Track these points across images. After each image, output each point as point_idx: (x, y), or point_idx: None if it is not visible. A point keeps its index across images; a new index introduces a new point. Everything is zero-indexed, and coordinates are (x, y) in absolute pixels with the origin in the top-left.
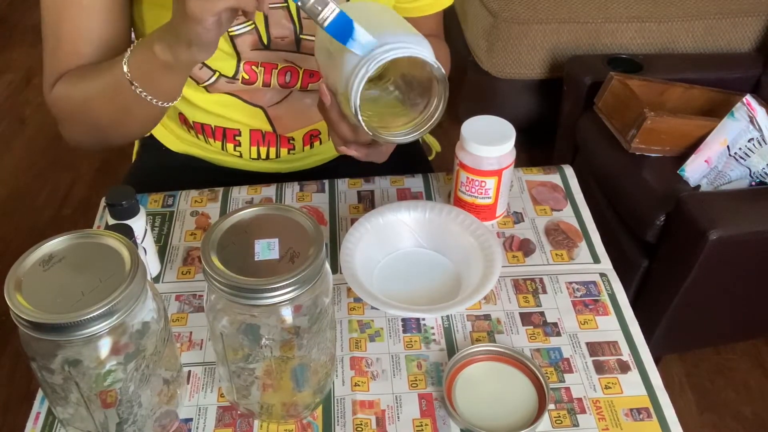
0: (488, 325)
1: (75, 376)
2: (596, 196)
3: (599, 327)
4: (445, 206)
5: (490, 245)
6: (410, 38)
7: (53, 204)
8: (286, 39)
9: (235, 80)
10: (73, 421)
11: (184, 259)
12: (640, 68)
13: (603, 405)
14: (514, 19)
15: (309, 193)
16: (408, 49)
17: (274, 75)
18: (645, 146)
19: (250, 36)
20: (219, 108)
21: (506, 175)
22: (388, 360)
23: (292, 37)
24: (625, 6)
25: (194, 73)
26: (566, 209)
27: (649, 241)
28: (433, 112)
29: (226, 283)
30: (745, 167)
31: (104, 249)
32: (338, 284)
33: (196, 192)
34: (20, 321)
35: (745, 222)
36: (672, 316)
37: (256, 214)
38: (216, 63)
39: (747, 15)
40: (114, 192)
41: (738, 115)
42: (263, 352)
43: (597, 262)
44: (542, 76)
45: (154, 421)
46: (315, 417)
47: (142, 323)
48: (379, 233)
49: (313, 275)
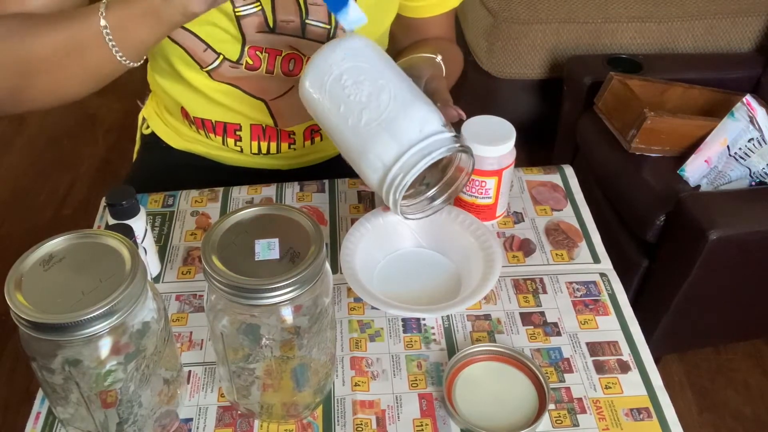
0: (488, 325)
1: (75, 376)
2: (596, 196)
3: (599, 327)
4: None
5: (490, 245)
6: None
7: (53, 204)
8: (291, 23)
9: (239, 65)
10: (73, 421)
11: (185, 259)
12: (640, 68)
13: (603, 405)
14: (514, 19)
15: (309, 193)
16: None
17: (278, 62)
18: (645, 146)
19: (256, 17)
20: (221, 97)
21: (506, 175)
22: (389, 360)
23: (298, 21)
24: (625, 6)
25: (198, 55)
26: (566, 209)
27: (649, 241)
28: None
29: (227, 283)
30: (745, 167)
31: (104, 249)
32: (338, 284)
33: (197, 192)
34: (20, 321)
35: (745, 222)
36: (672, 316)
37: (256, 214)
38: (221, 45)
39: (747, 15)
40: (114, 192)
41: (738, 115)
42: (263, 352)
43: (597, 262)
44: (542, 76)
45: (155, 421)
46: (315, 417)
47: (143, 323)
48: (379, 233)
49: (313, 275)
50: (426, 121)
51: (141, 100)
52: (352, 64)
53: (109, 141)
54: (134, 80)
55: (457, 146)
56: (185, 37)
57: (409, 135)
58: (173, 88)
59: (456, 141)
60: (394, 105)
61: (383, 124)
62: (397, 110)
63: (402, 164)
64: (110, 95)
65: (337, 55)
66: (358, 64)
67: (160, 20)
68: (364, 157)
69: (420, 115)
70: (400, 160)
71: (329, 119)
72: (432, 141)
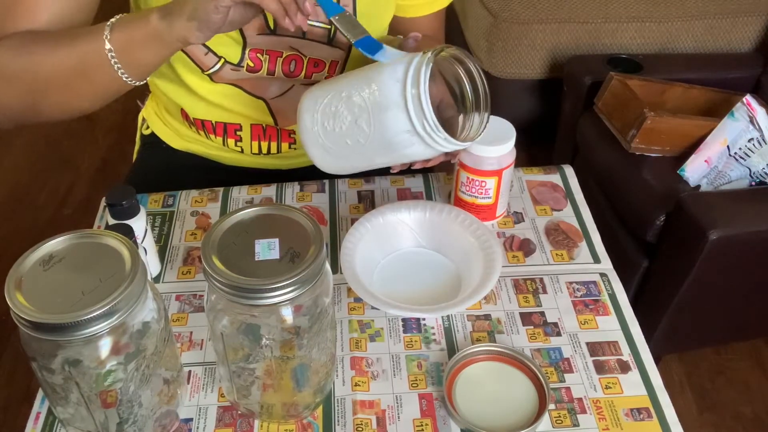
0: (488, 325)
1: (75, 376)
2: (596, 196)
3: (599, 327)
4: (446, 206)
5: (490, 245)
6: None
7: (53, 204)
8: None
9: (240, 68)
10: (73, 421)
11: (185, 259)
12: (640, 68)
13: (603, 405)
14: (514, 19)
15: (309, 193)
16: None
17: (279, 63)
18: (645, 146)
19: (256, 20)
20: (221, 99)
21: (506, 175)
22: (389, 360)
23: None
24: (625, 6)
25: (199, 59)
26: (566, 209)
27: (649, 241)
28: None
29: (227, 283)
30: (745, 167)
31: (104, 249)
32: (338, 284)
33: (197, 192)
34: (20, 321)
35: (745, 222)
36: (672, 315)
37: (256, 214)
38: (221, 49)
39: (747, 15)
40: (114, 192)
41: (738, 115)
42: (263, 352)
43: (597, 262)
44: (542, 76)
45: (155, 421)
46: (315, 417)
47: (143, 323)
48: (379, 233)
49: (314, 275)
50: (395, 71)
51: (141, 101)
52: (320, 107)
53: (109, 141)
54: None
55: (430, 55)
56: None
57: (396, 95)
58: (173, 91)
59: (423, 54)
60: (369, 96)
61: (375, 115)
62: (372, 96)
63: (414, 110)
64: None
65: (306, 115)
66: (323, 101)
67: (164, 44)
68: (391, 143)
69: (387, 77)
70: (409, 111)
71: (347, 153)
72: (412, 69)
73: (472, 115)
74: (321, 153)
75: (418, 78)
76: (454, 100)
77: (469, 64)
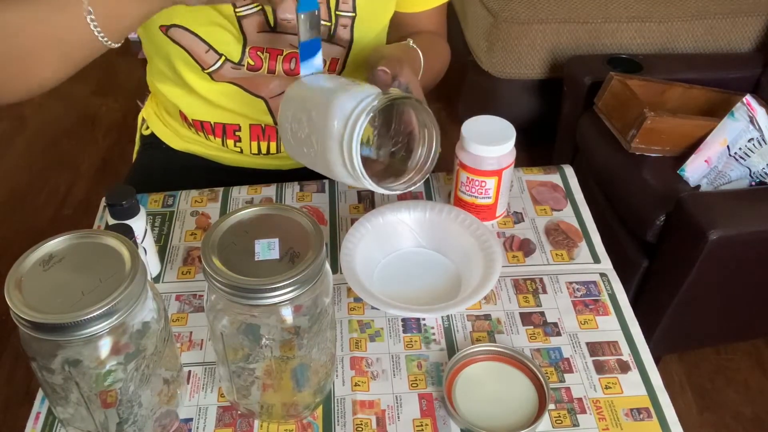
0: (488, 325)
1: (75, 376)
2: (596, 196)
3: (599, 327)
4: (446, 206)
5: (490, 245)
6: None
7: (53, 204)
8: (292, 22)
9: (240, 66)
10: (73, 421)
11: (184, 259)
12: (640, 68)
13: (603, 405)
14: (514, 19)
15: (309, 193)
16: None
17: (279, 61)
18: (645, 146)
19: (256, 17)
20: (221, 98)
21: (506, 175)
22: (388, 360)
23: None
24: (625, 6)
25: (201, 56)
26: (566, 209)
27: (649, 241)
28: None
29: (227, 283)
30: (745, 167)
31: (104, 249)
32: (338, 284)
33: (196, 192)
34: (20, 321)
35: (745, 222)
36: (672, 316)
37: (256, 214)
38: (222, 47)
39: (747, 15)
40: (114, 192)
41: (738, 115)
42: (263, 352)
43: (597, 262)
44: (542, 76)
45: (154, 421)
46: (315, 417)
47: (142, 323)
48: (379, 233)
49: (313, 275)
50: (344, 107)
51: (141, 101)
52: (291, 109)
53: (109, 141)
54: (134, 80)
55: (375, 103)
56: (187, 38)
57: (336, 131)
58: (172, 92)
59: (379, 96)
60: (319, 119)
61: (320, 140)
62: (322, 120)
63: (346, 152)
64: (110, 95)
65: (283, 106)
66: (295, 104)
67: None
68: (332, 170)
69: (335, 110)
70: (343, 152)
71: (308, 160)
72: (356, 112)
73: (416, 160)
74: (288, 147)
75: (355, 124)
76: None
77: (428, 124)
